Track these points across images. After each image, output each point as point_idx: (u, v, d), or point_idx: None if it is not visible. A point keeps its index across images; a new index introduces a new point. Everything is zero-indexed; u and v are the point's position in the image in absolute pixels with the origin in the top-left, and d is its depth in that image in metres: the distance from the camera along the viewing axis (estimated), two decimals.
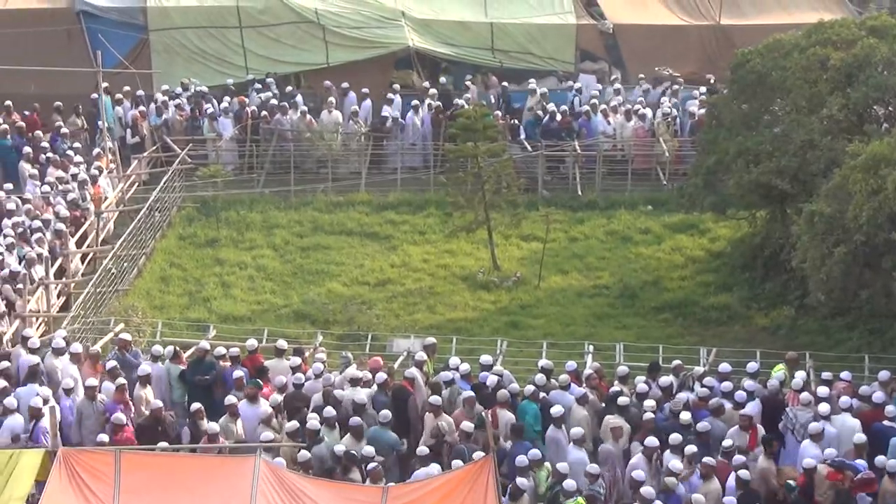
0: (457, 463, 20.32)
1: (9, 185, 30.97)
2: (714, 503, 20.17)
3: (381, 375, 22.90)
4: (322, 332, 26.76)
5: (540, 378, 22.93)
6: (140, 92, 35.57)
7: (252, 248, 31.44)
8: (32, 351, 23.83)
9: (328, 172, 34.40)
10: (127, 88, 35.61)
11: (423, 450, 21.20)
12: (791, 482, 20.55)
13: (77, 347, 23.76)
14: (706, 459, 20.49)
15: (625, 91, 36.60)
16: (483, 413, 21.55)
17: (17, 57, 35.66)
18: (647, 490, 19.75)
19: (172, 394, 23.62)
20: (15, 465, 17.54)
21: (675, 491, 20.12)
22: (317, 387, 22.89)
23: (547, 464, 20.73)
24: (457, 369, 23.37)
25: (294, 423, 21.54)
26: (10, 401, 22.03)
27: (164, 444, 20.99)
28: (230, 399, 22.15)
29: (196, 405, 22.21)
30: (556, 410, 21.67)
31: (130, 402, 22.54)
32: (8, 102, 34.14)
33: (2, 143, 33.16)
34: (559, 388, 22.77)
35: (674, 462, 20.56)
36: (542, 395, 22.52)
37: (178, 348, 24.14)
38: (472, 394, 22.25)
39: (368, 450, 20.90)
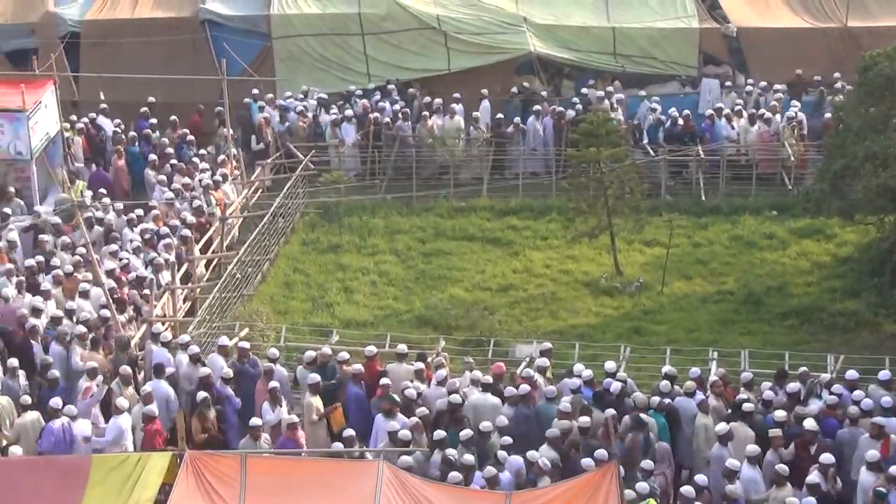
0: (587, 462, 20.30)
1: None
2: None
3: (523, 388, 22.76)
4: (444, 337, 26.76)
5: (664, 385, 22.75)
6: (285, 100, 35.87)
7: (374, 254, 31.55)
8: (164, 345, 24.40)
9: (450, 178, 34.41)
10: (270, 96, 36.04)
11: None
12: (882, 489, 20.10)
13: (195, 349, 24.07)
14: None
15: (747, 94, 36.18)
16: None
17: (144, 65, 36.23)
18: None
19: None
20: (143, 468, 17.76)
21: None
22: (440, 392, 22.90)
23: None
24: (580, 376, 23.29)
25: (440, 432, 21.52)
26: (122, 401, 22.47)
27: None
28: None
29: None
30: (720, 428, 21.37)
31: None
32: (173, 117, 34.58)
33: (130, 151, 33.65)
34: (684, 395, 22.56)
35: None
36: (666, 401, 22.37)
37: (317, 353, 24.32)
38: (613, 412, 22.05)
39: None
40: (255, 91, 35.82)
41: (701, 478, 20.64)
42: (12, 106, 30.88)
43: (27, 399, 22.85)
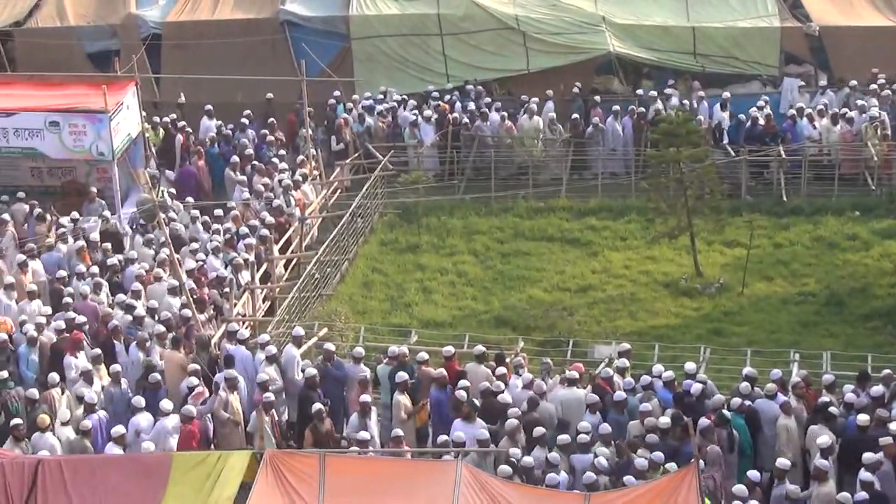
0: (657, 455, 20.24)
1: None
2: None
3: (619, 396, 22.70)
4: (523, 337, 26.70)
5: (744, 386, 22.54)
6: (365, 100, 36.01)
7: (453, 254, 31.54)
8: (241, 342, 24.54)
9: (529, 178, 34.33)
10: (356, 97, 36.18)
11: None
12: None
13: (272, 350, 24.14)
14: None
15: (830, 94, 35.79)
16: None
17: (225, 66, 36.46)
18: None
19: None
20: (223, 466, 17.84)
21: None
22: (523, 395, 22.86)
23: None
24: (660, 376, 23.17)
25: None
26: (166, 404, 22.65)
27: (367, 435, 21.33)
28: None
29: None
30: (822, 441, 20.89)
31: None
32: (272, 119, 34.75)
33: (210, 152, 33.87)
34: (765, 397, 22.36)
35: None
36: (746, 403, 22.18)
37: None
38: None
39: (553, 457, 20.87)
40: (337, 93, 35.94)
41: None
42: (95, 107, 31.17)
43: (140, 401, 22.89)
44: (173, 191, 32.19)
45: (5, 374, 23.80)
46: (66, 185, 32.33)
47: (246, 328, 26.08)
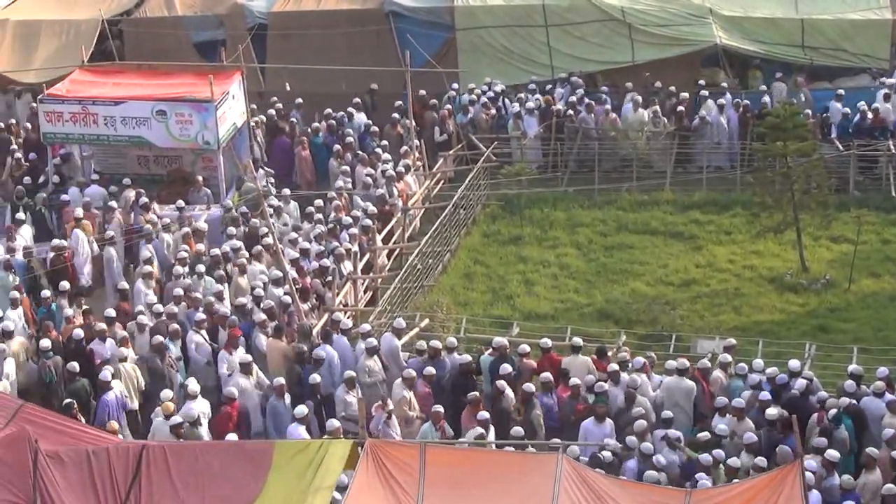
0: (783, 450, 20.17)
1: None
2: None
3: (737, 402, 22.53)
4: (625, 331, 26.54)
5: (849, 384, 22.28)
6: (469, 92, 35.97)
7: (556, 247, 31.41)
8: (343, 332, 24.80)
9: (633, 171, 34.09)
10: (472, 86, 36.21)
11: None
12: None
13: (373, 342, 24.21)
14: None
15: None
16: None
17: (329, 56, 36.60)
18: None
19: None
20: (324, 454, 17.86)
21: None
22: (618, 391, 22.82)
23: None
24: (762, 372, 22.95)
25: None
26: (194, 387, 23.10)
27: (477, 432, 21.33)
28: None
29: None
30: None
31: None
32: (395, 115, 34.77)
33: (314, 141, 34.02)
34: (872, 395, 22.04)
35: None
36: (853, 402, 21.89)
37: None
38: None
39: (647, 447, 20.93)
40: (456, 85, 35.98)
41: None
42: (201, 96, 31.42)
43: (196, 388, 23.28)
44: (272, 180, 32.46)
45: (48, 343, 24.60)
46: (172, 173, 32.62)
47: (348, 318, 26.16)
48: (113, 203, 30.42)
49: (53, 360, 24.43)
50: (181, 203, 30.29)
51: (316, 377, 23.42)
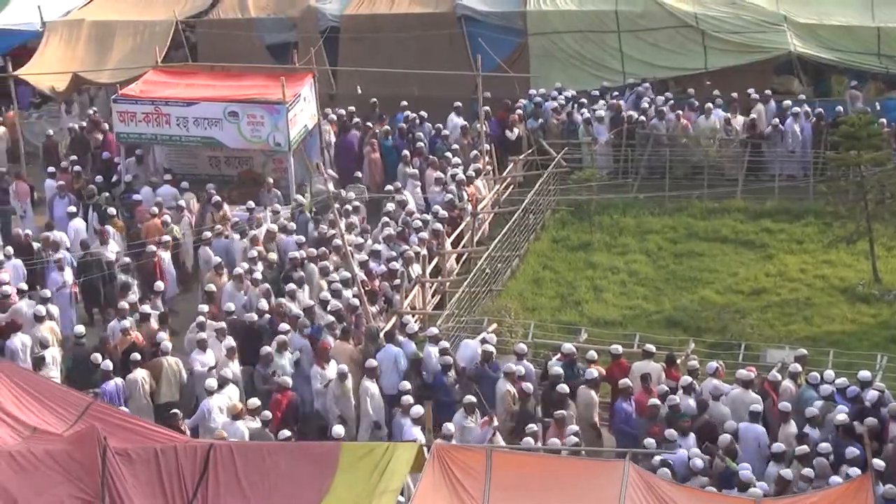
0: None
1: (389, 186, 31.81)
2: None
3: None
4: (694, 339, 26.36)
5: None
6: (539, 97, 35.93)
7: (625, 253, 31.28)
8: (410, 336, 24.76)
9: (704, 178, 33.88)
10: (554, 91, 36.23)
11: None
12: None
13: (445, 344, 24.28)
14: None
15: None
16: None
17: (400, 60, 36.65)
18: None
19: None
20: (390, 457, 17.87)
21: None
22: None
23: None
24: (832, 383, 22.73)
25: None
26: (211, 382, 23.27)
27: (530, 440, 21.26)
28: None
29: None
30: None
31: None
32: (486, 108, 34.77)
33: (384, 144, 34.07)
34: None
35: None
36: None
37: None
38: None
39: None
40: (542, 90, 35.99)
41: None
42: (273, 98, 31.57)
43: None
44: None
45: (81, 329, 25.19)
46: (243, 174, 32.81)
47: (415, 321, 26.16)
48: (181, 202, 30.62)
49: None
50: (251, 204, 30.41)
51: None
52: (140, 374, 24.03)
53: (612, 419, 23.19)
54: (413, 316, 26.64)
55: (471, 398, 22.68)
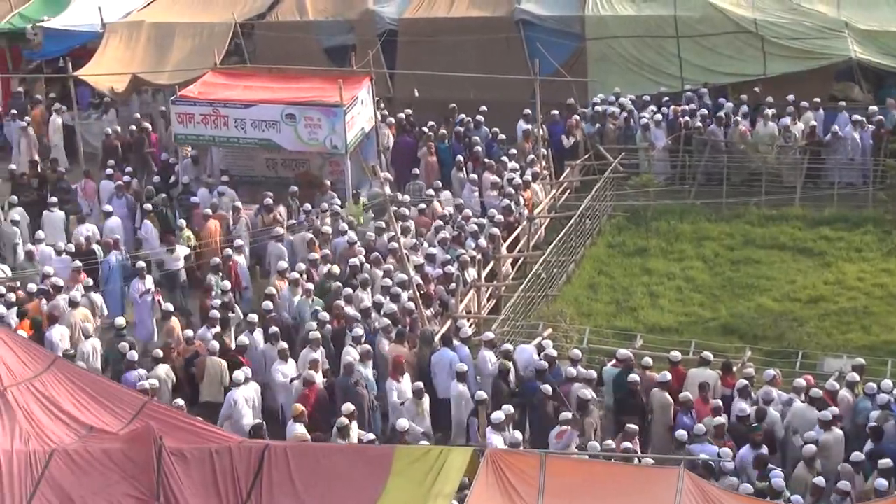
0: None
1: (429, 191, 31.78)
2: None
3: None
4: (750, 347, 26.20)
5: None
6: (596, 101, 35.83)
7: (681, 259, 31.13)
8: (464, 341, 24.70)
9: (762, 185, 33.64)
10: (613, 97, 36.18)
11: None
12: None
13: (508, 347, 24.20)
14: None
15: None
16: None
17: (458, 63, 36.62)
18: None
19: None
20: (444, 462, 17.84)
21: None
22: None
23: None
24: (890, 392, 22.54)
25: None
26: (238, 374, 23.58)
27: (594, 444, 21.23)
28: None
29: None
30: None
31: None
32: (555, 112, 34.88)
33: (440, 147, 34.06)
34: None
35: None
36: None
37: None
38: None
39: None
40: (604, 96, 35.99)
41: None
42: (330, 101, 31.63)
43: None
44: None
45: (122, 321, 25.57)
46: (300, 176, 32.89)
47: (470, 326, 26.14)
48: (238, 203, 30.71)
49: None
50: (308, 206, 30.48)
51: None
52: (163, 370, 24.37)
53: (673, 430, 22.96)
54: (468, 320, 26.60)
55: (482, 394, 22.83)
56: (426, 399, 23.51)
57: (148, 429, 18.23)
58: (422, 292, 26.28)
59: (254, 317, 25.84)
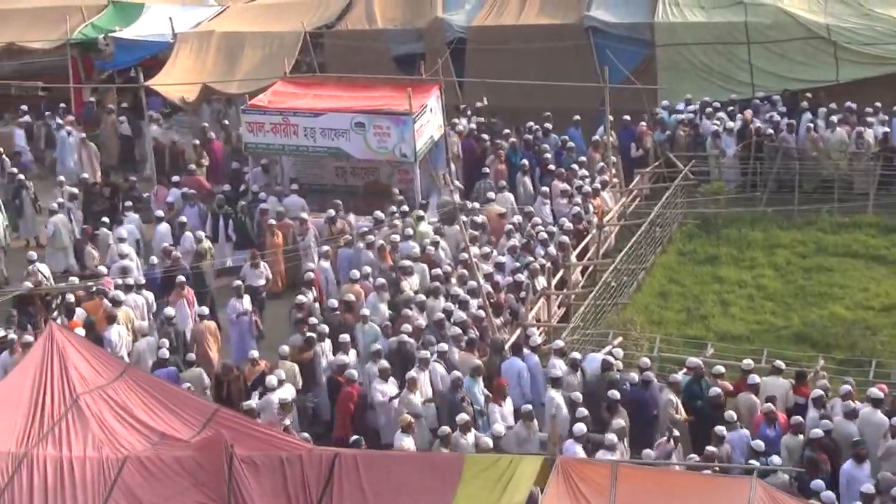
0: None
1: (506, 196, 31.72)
2: None
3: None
4: (823, 355, 25.93)
5: None
6: (662, 108, 35.71)
7: (752, 267, 30.88)
8: (534, 349, 24.59)
9: (834, 192, 33.33)
10: (666, 103, 36.17)
11: None
12: None
13: (576, 355, 24.12)
14: None
15: None
16: None
17: (527, 71, 36.54)
18: None
19: None
20: (514, 470, 17.80)
21: None
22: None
23: None
24: None
25: None
26: (271, 379, 23.57)
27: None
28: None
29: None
30: None
31: None
32: (626, 117, 34.89)
33: (510, 155, 34.00)
34: None
35: None
36: None
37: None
38: None
39: None
40: (666, 102, 35.83)
41: None
42: (399, 109, 31.67)
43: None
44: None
45: (172, 311, 26.04)
46: (368, 185, 32.96)
47: (540, 334, 26.05)
48: (304, 214, 30.77)
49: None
50: (379, 214, 30.50)
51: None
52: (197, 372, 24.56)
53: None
54: (538, 328, 26.52)
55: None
56: (535, 422, 22.71)
57: (219, 436, 18.33)
58: (491, 301, 26.21)
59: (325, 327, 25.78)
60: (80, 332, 24.18)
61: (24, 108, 39.17)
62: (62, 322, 25.90)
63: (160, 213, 31.61)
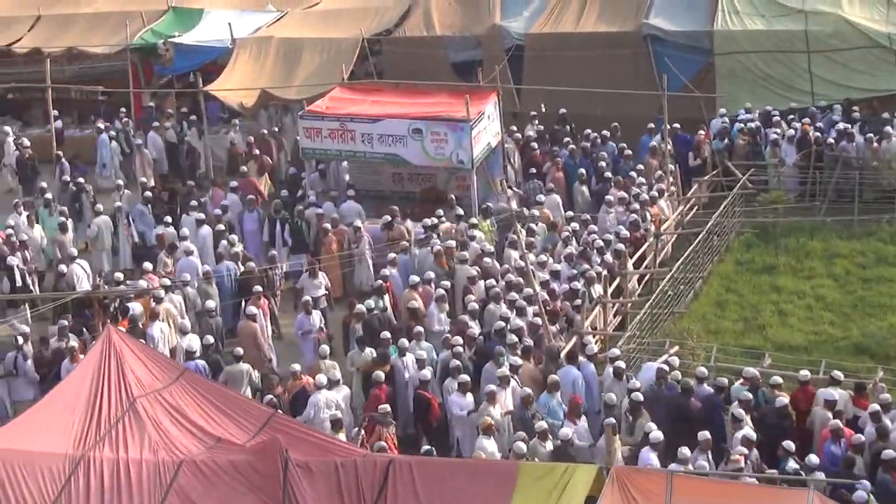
0: None
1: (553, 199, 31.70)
2: None
3: None
4: (882, 367, 25.67)
5: None
6: (720, 117, 35.61)
7: (811, 277, 30.65)
8: (590, 358, 24.54)
9: (894, 203, 33.02)
10: (723, 111, 35.94)
11: None
12: None
13: (621, 364, 24.04)
14: None
15: None
16: None
17: (585, 78, 36.42)
18: None
19: None
20: (568, 479, 17.77)
21: None
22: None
23: None
24: None
25: None
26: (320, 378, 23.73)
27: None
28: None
29: None
30: None
31: None
32: (676, 125, 34.71)
33: (568, 163, 33.95)
34: None
35: None
36: None
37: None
38: None
39: None
40: (724, 110, 35.70)
41: None
42: (457, 116, 31.66)
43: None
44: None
45: (212, 304, 26.55)
46: (425, 192, 32.96)
47: (596, 342, 25.96)
48: (357, 223, 30.80)
49: None
50: (435, 220, 30.49)
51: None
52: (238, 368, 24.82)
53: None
54: (593, 336, 26.42)
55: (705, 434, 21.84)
56: (618, 443, 22.34)
57: (274, 441, 18.38)
58: (547, 308, 26.14)
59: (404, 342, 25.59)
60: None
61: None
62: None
63: (218, 212, 31.81)
